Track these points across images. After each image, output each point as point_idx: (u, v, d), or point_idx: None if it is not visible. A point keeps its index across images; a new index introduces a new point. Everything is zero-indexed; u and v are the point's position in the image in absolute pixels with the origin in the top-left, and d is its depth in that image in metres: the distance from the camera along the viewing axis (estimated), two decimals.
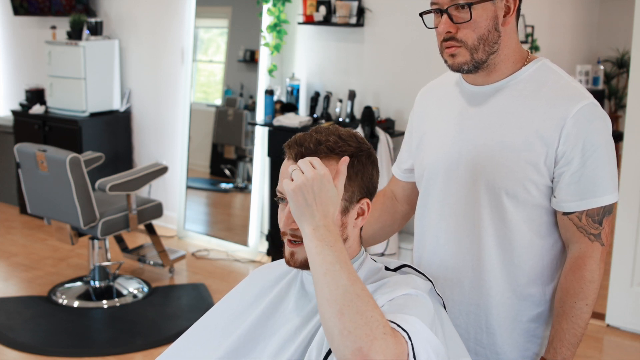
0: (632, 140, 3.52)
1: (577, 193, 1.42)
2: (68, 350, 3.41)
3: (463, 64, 1.45)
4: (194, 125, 5.05)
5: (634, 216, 3.54)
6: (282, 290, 1.47)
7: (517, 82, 1.48)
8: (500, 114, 1.47)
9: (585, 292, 1.45)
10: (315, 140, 1.33)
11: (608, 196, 1.44)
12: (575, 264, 1.46)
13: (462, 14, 1.41)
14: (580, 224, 1.44)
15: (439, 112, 1.60)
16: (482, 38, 1.42)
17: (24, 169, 3.94)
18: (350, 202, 1.36)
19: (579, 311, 1.45)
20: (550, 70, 1.49)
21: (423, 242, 1.63)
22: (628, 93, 3.59)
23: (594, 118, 1.42)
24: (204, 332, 1.49)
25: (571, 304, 1.45)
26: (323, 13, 4.31)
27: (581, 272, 1.45)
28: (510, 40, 1.47)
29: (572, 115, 1.40)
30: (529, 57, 1.51)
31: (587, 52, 7.99)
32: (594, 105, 1.43)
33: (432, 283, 1.46)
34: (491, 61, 1.46)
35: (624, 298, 3.62)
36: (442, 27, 1.43)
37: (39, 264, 4.55)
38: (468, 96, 1.53)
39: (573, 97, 1.43)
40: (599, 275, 1.47)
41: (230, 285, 1.58)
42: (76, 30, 5.17)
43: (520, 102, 1.46)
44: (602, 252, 1.47)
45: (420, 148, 1.63)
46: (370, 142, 3.93)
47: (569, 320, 1.45)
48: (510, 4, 1.45)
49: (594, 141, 1.41)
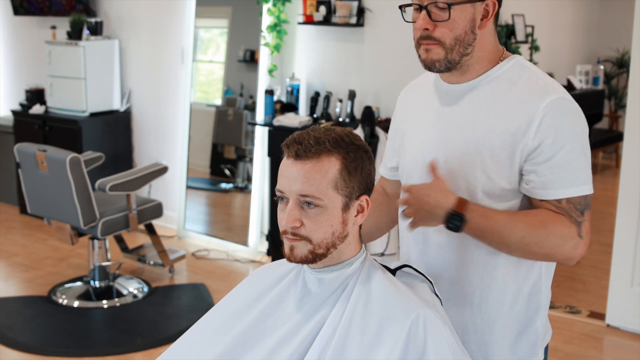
0: (632, 140, 3.52)
1: (556, 181, 1.42)
2: (68, 350, 3.41)
3: (436, 61, 1.47)
4: (194, 125, 5.05)
5: (634, 216, 3.54)
6: (283, 290, 1.47)
7: (490, 80, 1.49)
8: (473, 112, 1.48)
9: (537, 235, 1.41)
10: (314, 138, 1.35)
11: (586, 186, 1.44)
12: (555, 216, 1.43)
13: (441, 13, 1.43)
14: (560, 205, 1.43)
15: (418, 112, 1.62)
16: (458, 39, 1.44)
17: (24, 169, 3.94)
18: (350, 199, 1.37)
19: (520, 237, 1.41)
20: (523, 67, 1.50)
21: (407, 240, 1.64)
22: (628, 93, 3.59)
23: (565, 111, 1.43)
24: (205, 332, 1.50)
25: (527, 224, 1.41)
26: (323, 13, 4.31)
27: (555, 225, 1.41)
28: (486, 42, 1.49)
29: (541, 109, 1.41)
30: (504, 55, 1.52)
31: (587, 52, 7.99)
32: (565, 100, 1.44)
33: (431, 283, 1.46)
34: (464, 62, 1.48)
35: (624, 298, 3.62)
36: (419, 22, 1.45)
37: (39, 264, 4.55)
38: (443, 95, 1.55)
39: (543, 91, 1.44)
40: (574, 245, 1.42)
41: (230, 285, 1.58)
42: (76, 30, 5.17)
43: (493, 100, 1.47)
44: (579, 241, 1.43)
45: (402, 148, 1.65)
46: (370, 142, 3.93)
47: (509, 224, 1.41)
48: (489, 8, 1.46)
49: (566, 133, 1.41)
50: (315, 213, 1.34)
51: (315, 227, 1.34)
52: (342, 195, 1.35)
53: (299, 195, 1.34)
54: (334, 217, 1.35)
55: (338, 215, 1.36)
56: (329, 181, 1.34)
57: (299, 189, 1.34)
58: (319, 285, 1.42)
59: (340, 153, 1.35)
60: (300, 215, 1.35)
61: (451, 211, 1.42)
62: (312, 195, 1.33)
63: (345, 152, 1.36)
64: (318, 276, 1.42)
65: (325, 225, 1.35)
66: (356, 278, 1.41)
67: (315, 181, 1.33)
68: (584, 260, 4.74)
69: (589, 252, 4.92)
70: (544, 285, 1.56)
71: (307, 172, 1.33)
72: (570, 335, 3.57)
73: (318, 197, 1.33)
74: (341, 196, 1.35)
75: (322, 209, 1.34)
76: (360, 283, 1.40)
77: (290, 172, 1.35)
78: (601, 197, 6.28)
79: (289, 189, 1.35)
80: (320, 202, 1.33)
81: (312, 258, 1.37)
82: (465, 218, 1.42)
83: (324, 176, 1.34)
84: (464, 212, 1.42)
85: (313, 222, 1.34)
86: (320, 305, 1.40)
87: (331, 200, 1.34)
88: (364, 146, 1.40)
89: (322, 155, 1.34)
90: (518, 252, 1.45)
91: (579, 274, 4.44)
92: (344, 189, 1.35)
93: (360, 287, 1.39)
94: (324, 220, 1.35)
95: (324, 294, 1.41)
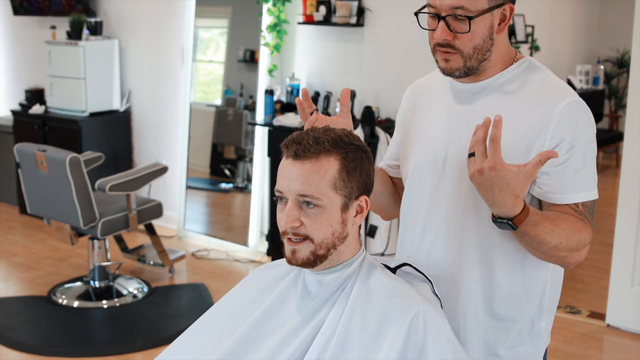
0: (632, 140, 3.52)
1: (571, 185, 1.43)
2: (68, 350, 3.41)
3: (455, 70, 1.46)
4: (194, 125, 5.05)
5: (634, 216, 3.54)
6: (283, 291, 1.47)
7: (503, 82, 1.49)
8: (485, 113, 1.47)
9: (570, 242, 1.41)
10: (313, 138, 1.35)
11: (596, 190, 1.46)
12: (578, 220, 1.43)
13: (461, 25, 1.41)
14: (578, 210, 1.44)
15: (427, 110, 1.60)
16: (477, 47, 1.44)
17: (23, 169, 3.94)
18: (350, 199, 1.37)
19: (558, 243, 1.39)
20: (535, 69, 1.50)
21: (407, 239, 1.61)
22: (628, 93, 3.59)
23: (581, 114, 1.44)
24: (204, 332, 1.50)
25: (566, 231, 1.41)
26: (323, 13, 4.31)
27: (585, 232, 1.43)
28: (501, 44, 1.49)
29: (558, 112, 1.41)
30: (517, 56, 1.52)
31: (587, 52, 7.99)
32: (580, 103, 1.44)
33: (431, 283, 1.46)
34: (482, 66, 1.48)
35: (624, 298, 3.62)
36: (439, 34, 1.43)
37: (39, 264, 4.55)
38: (455, 94, 1.54)
39: (558, 94, 1.44)
40: (584, 250, 1.46)
41: (230, 285, 1.57)
42: (76, 30, 5.17)
43: (506, 101, 1.47)
44: (589, 247, 1.47)
45: (408, 144, 1.63)
46: (370, 142, 3.93)
47: (554, 231, 1.39)
48: (507, 12, 1.45)
49: (582, 136, 1.42)
50: (314, 213, 1.34)
51: (315, 226, 1.35)
52: (341, 196, 1.35)
53: (297, 195, 1.34)
54: (333, 217, 1.35)
55: (337, 215, 1.36)
56: (327, 181, 1.34)
57: (298, 189, 1.33)
58: (318, 287, 1.42)
59: (340, 153, 1.35)
60: (299, 215, 1.35)
61: (509, 218, 1.36)
62: (311, 195, 1.33)
63: (345, 152, 1.36)
64: (318, 277, 1.42)
65: (325, 225, 1.35)
66: (355, 277, 1.41)
67: (314, 181, 1.33)
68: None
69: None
70: (549, 287, 1.55)
71: (306, 172, 1.33)
72: (570, 335, 3.57)
73: (317, 197, 1.33)
74: (340, 196, 1.35)
75: (321, 209, 1.34)
76: (360, 282, 1.40)
77: (289, 172, 1.35)
78: (601, 197, 6.20)
79: (288, 189, 1.35)
80: (319, 202, 1.33)
81: (314, 260, 1.37)
82: (516, 228, 1.37)
83: (322, 176, 1.33)
84: (519, 225, 1.36)
85: (313, 222, 1.34)
86: (320, 306, 1.40)
87: (330, 200, 1.34)
88: (364, 146, 1.40)
89: (321, 155, 1.34)
90: (543, 255, 1.43)
91: (579, 274, 4.44)
92: (343, 189, 1.35)
93: (360, 285, 1.39)
94: (323, 220, 1.35)
95: (324, 295, 1.41)
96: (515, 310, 1.52)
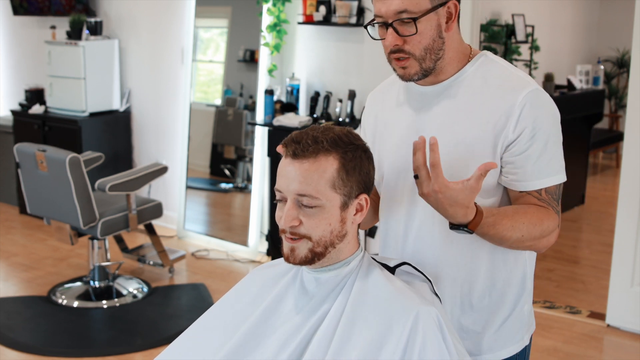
0: (632, 140, 3.52)
1: (535, 172, 1.45)
2: (68, 350, 3.41)
3: (413, 75, 1.48)
4: (194, 125, 5.05)
5: (634, 216, 3.54)
6: (282, 290, 1.47)
7: (463, 80, 1.51)
8: (450, 112, 1.50)
9: (533, 233, 1.45)
10: (312, 137, 1.35)
11: (560, 175, 1.49)
12: (545, 211, 1.47)
13: (408, 28, 1.43)
14: (541, 197, 1.48)
15: (391, 115, 1.61)
16: (427, 48, 1.45)
17: (23, 169, 3.94)
18: (349, 198, 1.37)
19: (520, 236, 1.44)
20: (492, 63, 1.52)
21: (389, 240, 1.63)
22: (628, 93, 3.59)
23: (542, 102, 1.46)
24: (204, 332, 1.50)
25: (526, 224, 1.44)
26: (323, 13, 4.31)
27: (548, 221, 1.47)
28: (454, 43, 1.50)
29: (518, 103, 1.44)
30: (472, 52, 1.54)
31: (587, 52, 7.99)
32: (540, 91, 1.47)
33: (430, 282, 1.46)
34: (438, 66, 1.49)
35: (624, 298, 3.62)
36: (389, 40, 1.45)
37: (39, 264, 4.55)
38: (417, 97, 1.56)
39: (518, 85, 1.46)
40: (553, 235, 1.49)
41: (230, 285, 1.57)
42: (76, 30, 5.17)
43: (468, 98, 1.49)
44: (557, 231, 1.50)
45: (375, 151, 1.61)
46: None
47: (513, 227, 1.43)
48: (452, 10, 1.47)
49: (542, 124, 1.44)
50: (313, 212, 1.34)
51: (313, 225, 1.35)
52: (340, 195, 1.35)
53: (296, 195, 1.34)
54: (332, 215, 1.35)
55: (336, 214, 1.36)
56: (326, 180, 1.34)
57: (297, 188, 1.34)
58: (316, 285, 1.42)
59: (338, 152, 1.35)
60: (298, 214, 1.35)
61: (463, 225, 1.41)
62: (310, 195, 1.33)
63: (344, 152, 1.36)
64: (315, 275, 1.42)
65: (324, 224, 1.35)
66: (354, 276, 1.41)
67: (312, 181, 1.33)
68: (584, 260, 4.74)
69: (589, 252, 4.93)
70: (529, 270, 1.60)
71: (305, 172, 1.33)
72: (570, 336, 3.57)
73: (315, 197, 1.33)
74: (339, 195, 1.35)
75: (320, 208, 1.34)
76: (359, 282, 1.40)
77: (288, 172, 1.35)
78: (601, 197, 6.28)
79: (287, 188, 1.35)
80: (318, 201, 1.33)
81: (312, 257, 1.37)
82: (472, 233, 1.42)
83: (321, 175, 1.33)
84: (474, 229, 1.41)
85: (311, 221, 1.35)
86: (318, 305, 1.40)
87: (329, 200, 1.34)
88: (363, 145, 1.40)
89: (320, 154, 1.34)
90: (512, 247, 1.49)
91: (579, 274, 4.44)
92: (342, 188, 1.35)
93: (359, 285, 1.39)
94: (322, 219, 1.35)
95: (322, 293, 1.41)
96: (498, 298, 1.55)
